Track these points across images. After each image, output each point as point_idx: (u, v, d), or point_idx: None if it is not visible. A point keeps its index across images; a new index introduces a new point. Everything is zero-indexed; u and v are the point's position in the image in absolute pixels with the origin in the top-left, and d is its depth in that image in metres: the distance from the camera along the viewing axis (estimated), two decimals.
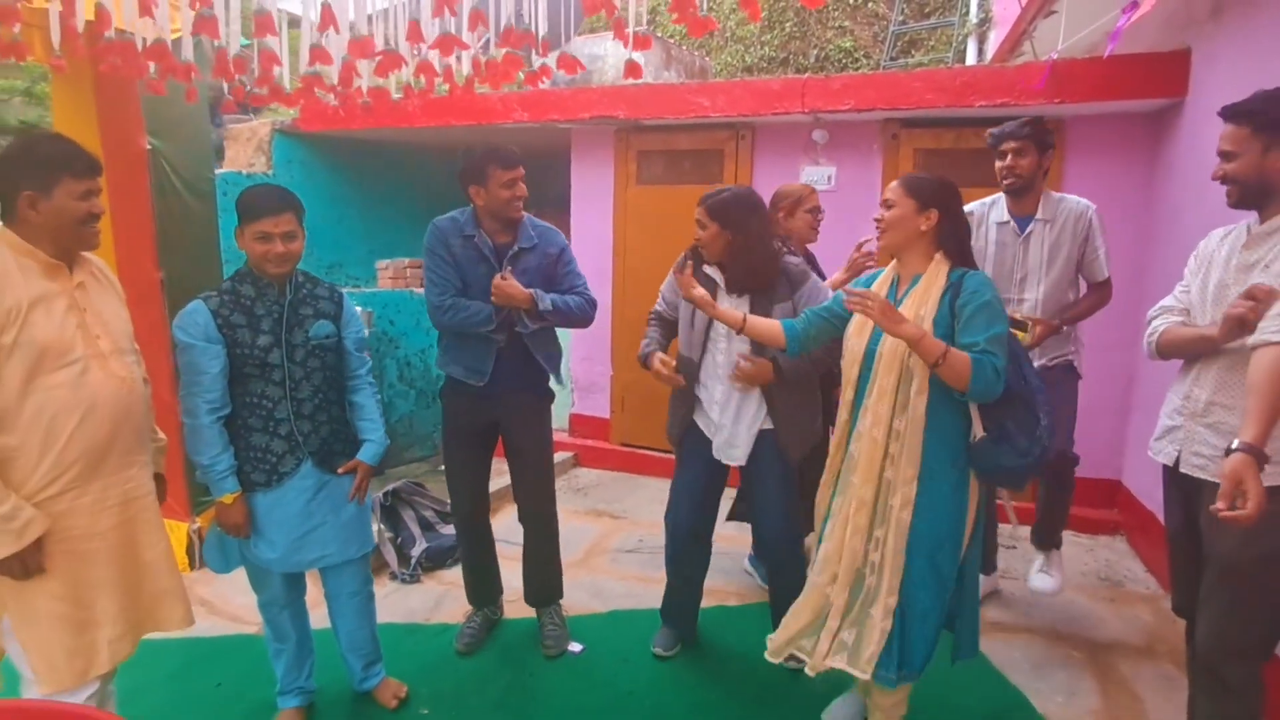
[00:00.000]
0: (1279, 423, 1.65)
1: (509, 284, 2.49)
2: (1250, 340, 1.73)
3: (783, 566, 2.62)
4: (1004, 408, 1.91)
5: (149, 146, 3.15)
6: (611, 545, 3.73)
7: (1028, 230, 2.82)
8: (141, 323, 3.28)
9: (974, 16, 7.18)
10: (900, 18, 8.13)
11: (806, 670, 2.15)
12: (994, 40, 6.60)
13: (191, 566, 3.46)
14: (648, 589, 3.12)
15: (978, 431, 1.93)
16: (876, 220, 2.14)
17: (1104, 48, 3.76)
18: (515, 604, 2.99)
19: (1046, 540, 3.00)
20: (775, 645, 2.22)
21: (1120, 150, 3.81)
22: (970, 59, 7.18)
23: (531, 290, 2.52)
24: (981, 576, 2.96)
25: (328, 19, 2.06)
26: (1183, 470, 1.94)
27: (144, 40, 2.43)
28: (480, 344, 2.61)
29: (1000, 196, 2.90)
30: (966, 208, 2.94)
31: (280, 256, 2.11)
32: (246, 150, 5.25)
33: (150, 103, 3.11)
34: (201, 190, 3.47)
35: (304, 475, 2.20)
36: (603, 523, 4.00)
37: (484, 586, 2.93)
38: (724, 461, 2.57)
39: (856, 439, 2.06)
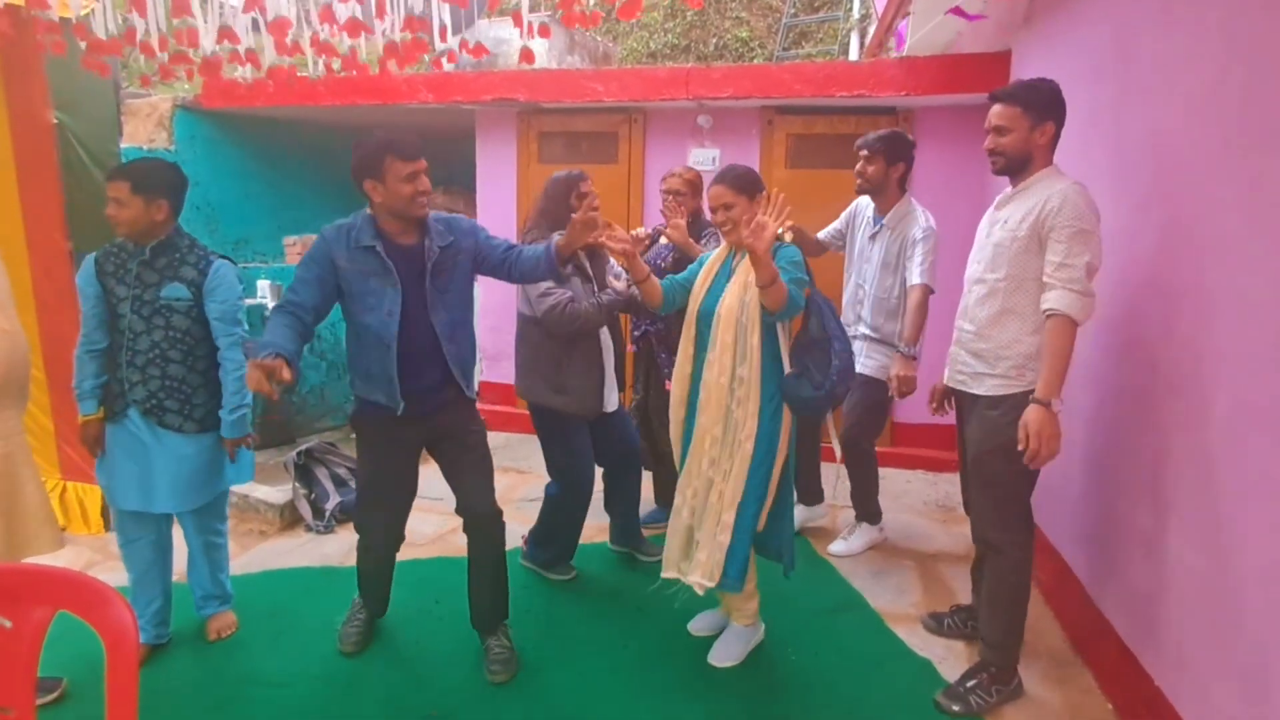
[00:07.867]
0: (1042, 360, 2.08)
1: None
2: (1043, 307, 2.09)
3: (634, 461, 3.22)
4: (807, 351, 2.33)
5: (55, 121, 3.24)
6: (517, 496, 4.06)
7: (876, 229, 3.22)
8: (51, 290, 3.42)
9: (856, 12, 7.75)
10: (792, 11, 8.65)
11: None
12: (872, 34, 7.17)
13: (107, 528, 3.60)
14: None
15: (787, 368, 2.35)
16: (720, 222, 2.41)
17: (954, 46, 4.28)
18: (427, 546, 3.27)
19: (859, 513, 3.47)
20: (666, 567, 2.53)
21: (963, 137, 4.35)
22: (853, 52, 7.75)
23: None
24: (806, 508, 3.51)
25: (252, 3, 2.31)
26: (947, 383, 2.40)
27: (74, 17, 2.60)
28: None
29: None
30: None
31: (112, 219, 2.40)
32: (147, 126, 5.24)
33: (56, 78, 3.19)
34: (108, 164, 3.55)
35: (133, 420, 2.44)
36: (510, 477, 4.33)
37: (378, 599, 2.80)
38: (611, 409, 3.02)
39: (704, 387, 2.40)
